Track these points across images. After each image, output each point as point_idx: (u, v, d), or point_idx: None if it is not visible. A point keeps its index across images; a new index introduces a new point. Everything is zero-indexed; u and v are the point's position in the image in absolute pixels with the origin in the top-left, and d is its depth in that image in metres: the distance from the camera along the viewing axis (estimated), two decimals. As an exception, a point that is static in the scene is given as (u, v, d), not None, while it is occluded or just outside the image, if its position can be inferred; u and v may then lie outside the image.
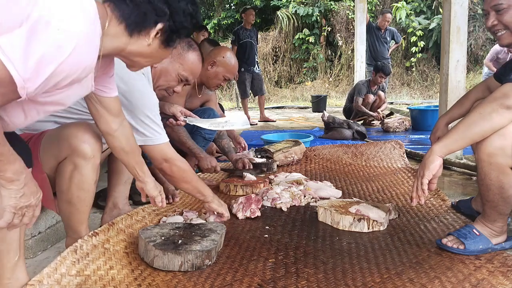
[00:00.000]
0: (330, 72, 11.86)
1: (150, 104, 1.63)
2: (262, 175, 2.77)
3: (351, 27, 10.94)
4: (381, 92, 5.75)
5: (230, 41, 6.78)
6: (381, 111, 5.74)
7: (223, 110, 3.37)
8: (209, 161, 2.47)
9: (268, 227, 1.84)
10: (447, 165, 3.00)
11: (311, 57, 11.85)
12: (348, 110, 5.71)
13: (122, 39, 1.09)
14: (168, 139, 1.69)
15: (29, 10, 0.85)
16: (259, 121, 6.57)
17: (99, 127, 1.36)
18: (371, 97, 5.61)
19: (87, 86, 1.14)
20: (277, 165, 3.07)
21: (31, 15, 0.85)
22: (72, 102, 1.14)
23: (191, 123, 2.18)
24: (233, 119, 2.26)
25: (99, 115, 1.32)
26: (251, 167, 2.76)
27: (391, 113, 5.36)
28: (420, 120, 5.12)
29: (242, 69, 6.27)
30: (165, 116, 2.06)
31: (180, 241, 1.46)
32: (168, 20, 1.11)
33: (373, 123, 5.73)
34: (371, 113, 5.53)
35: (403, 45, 10.89)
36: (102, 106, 1.31)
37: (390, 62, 7.16)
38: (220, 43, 3.81)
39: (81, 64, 0.95)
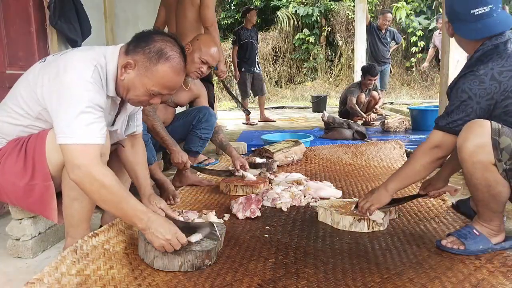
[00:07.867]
0: (330, 72, 11.86)
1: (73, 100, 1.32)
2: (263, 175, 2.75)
3: (351, 27, 10.94)
4: (374, 92, 5.94)
5: (230, 42, 6.77)
6: (379, 107, 6.00)
7: (213, 87, 3.52)
8: (180, 155, 2.38)
9: (268, 227, 1.84)
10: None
11: (311, 57, 11.84)
12: (344, 112, 5.77)
13: None
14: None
15: None
16: (259, 121, 6.57)
17: None
18: (363, 96, 5.78)
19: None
20: (277, 165, 3.07)
21: None
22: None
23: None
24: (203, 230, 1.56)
25: None
26: (248, 168, 2.69)
27: (384, 118, 5.42)
28: (420, 120, 5.11)
29: (243, 69, 6.28)
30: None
31: (180, 241, 1.46)
32: None
33: (373, 124, 5.76)
34: (362, 114, 5.66)
35: (403, 45, 10.88)
36: None
37: (391, 62, 7.18)
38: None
39: None
